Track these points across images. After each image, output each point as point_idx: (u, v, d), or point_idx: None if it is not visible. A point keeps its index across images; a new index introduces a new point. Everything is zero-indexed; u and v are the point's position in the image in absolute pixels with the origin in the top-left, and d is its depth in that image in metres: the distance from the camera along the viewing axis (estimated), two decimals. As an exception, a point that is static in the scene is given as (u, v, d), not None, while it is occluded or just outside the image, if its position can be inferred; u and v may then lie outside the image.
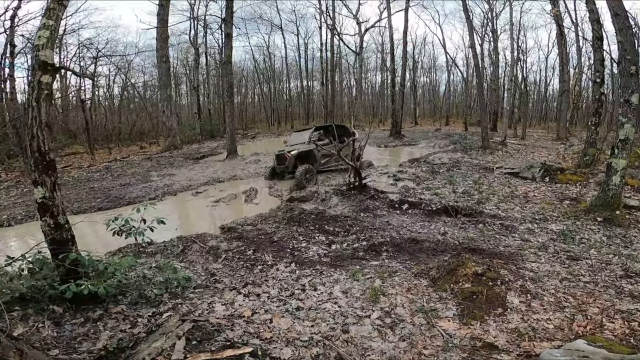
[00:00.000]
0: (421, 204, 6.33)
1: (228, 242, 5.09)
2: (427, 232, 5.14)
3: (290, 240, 4.99)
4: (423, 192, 7.26)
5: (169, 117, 17.75)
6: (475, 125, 30.48)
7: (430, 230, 5.24)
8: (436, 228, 5.35)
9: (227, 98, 13.23)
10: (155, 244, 5.33)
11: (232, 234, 5.33)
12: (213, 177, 10.39)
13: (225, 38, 12.84)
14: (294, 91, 38.14)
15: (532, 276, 3.75)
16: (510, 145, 16.39)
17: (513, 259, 4.22)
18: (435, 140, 19.68)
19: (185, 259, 4.71)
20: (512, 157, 13.70)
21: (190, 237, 5.38)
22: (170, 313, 3.07)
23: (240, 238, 5.18)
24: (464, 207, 6.11)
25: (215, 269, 4.29)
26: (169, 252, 4.95)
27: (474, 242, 4.63)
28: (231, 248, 4.86)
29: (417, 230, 5.27)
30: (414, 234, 5.07)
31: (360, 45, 28.44)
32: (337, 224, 5.45)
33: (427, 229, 5.30)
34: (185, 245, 5.11)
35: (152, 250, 5.07)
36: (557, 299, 3.33)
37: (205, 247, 4.97)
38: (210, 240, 5.27)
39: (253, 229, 5.55)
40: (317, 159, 9.52)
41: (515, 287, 3.40)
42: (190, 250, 4.99)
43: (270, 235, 5.22)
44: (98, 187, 9.70)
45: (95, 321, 2.82)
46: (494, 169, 10.07)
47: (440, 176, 9.12)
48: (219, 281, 3.97)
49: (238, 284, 3.85)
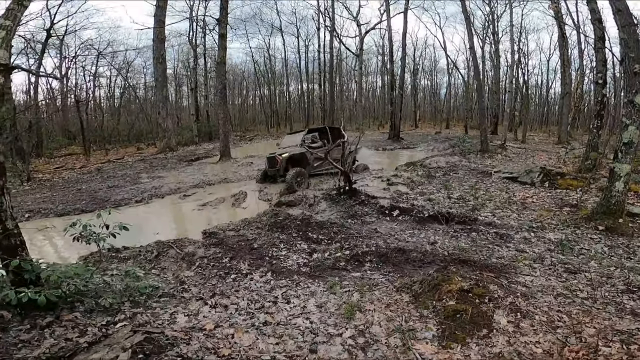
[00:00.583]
0: (412, 210, 6.05)
1: (206, 248, 4.83)
2: (415, 241, 4.85)
3: (270, 248, 4.72)
4: (416, 198, 6.97)
5: (165, 118, 17.60)
6: (476, 129, 30.09)
7: (419, 239, 4.94)
8: (426, 237, 5.06)
9: (220, 99, 13.03)
10: (131, 249, 5.11)
11: (211, 239, 5.07)
12: (203, 179, 10.15)
13: (220, 39, 12.66)
14: (294, 94, 38.02)
15: (524, 292, 3.45)
16: (510, 148, 16.07)
17: (505, 271, 3.92)
18: (435, 144, 19.40)
19: (158, 265, 4.46)
20: (512, 161, 13.40)
21: (168, 242, 5.13)
22: (125, 323, 2.86)
23: (219, 244, 4.91)
24: (458, 213, 5.82)
25: (186, 277, 4.02)
26: (143, 257, 4.70)
27: (464, 253, 4.33)
28: (207, 255, 4.59)
29: (406, 238, 4.98)
30: (401, 242, 4.79)
31: (360, 47, 28.25)
32: (321, 231, 5.17)
33: (416, 238, 5.01)
34: (161, 251, 4.86)
35: (125, 255, 4.82)
36: (550, 318, 3.03)
37: (181, 253, 4.71)
38: (188, 245, 5.01)
39: (234, 235, 5.29)
40: (310, 162, 9.26)
41: (504, 304, 3.10)
42: (166, 256, 4.74)
43: (251, 241, 4.96)
44: (85, 189, 9.48)
45: (42, 328, 2.66)
46: (492, 173, 9.76)
47: (436, 181, 8.84)
48: (187, 290, 3.71)
49: (206, 293, 3.58)
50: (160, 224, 6.78)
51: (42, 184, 10.58)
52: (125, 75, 28.66)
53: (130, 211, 7.73)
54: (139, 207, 7.97)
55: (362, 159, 11.75)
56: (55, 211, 7.75)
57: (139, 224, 6.87)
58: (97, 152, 19.06)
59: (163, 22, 17.09)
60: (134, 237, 6.21)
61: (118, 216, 7.14)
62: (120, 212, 4.40)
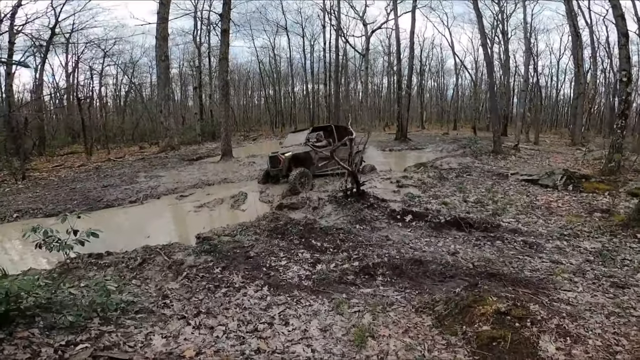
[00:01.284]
0: (427, 215, 5.48)
1: (196, 255, 4.31)
2: (433, 251, 4.29)
3: (268, 257, 4.19)
4: (429, 201, 6.40)
5: (167, 117, 17.18)
6: (484, 130, 29.52)
7: (437, 249, 4.38)
8: (445, 245, 4.49)
9: (222, 97, 12.58)
10: (115, 254, 4.61)
11: (203, 246, 4.55)
12: (202, 179, 9.68)
13: (222, 34, 12.23)
14: (299, 94, 37.60)
15: (570, 311, 2.89)
16: (523, 150, 15.40)
17: (543, 287, 3.35)
18: (443, 145, 18.81)
19: (141, 274, 3.96)
20: (527, 162, 12.74)
21: (156, 248, 4.62)
22: (87, 345, 2.37)
23: (211, 251, 4.39)
24: (478, 219, 5.24)
25: (170, 290, 3.51)
26: (125, 265, 4.20)
27: (492, 265, 3.76)
28: (197, 264, 4.07)
29: (422, 247, 4.42)
30: (417, 252, 4.23)
31: (366, 47, 27.70)
32: (326, 238, 4.63)
33: (434, 247, 4.44)
34: (147, 257, 4.35)
35: (106, 262, 4.33)
36: (606, 342, 2.48)
37: (169, 261, 4.20)
38: (178, 252, 4.50)
39: (230, 241, 4.76)
40: (314, 162, 8.73)
41: (549, 327, 2.55)
42: (151, 263, 4.23)
43: (247, 249, 4.43)
44: (79, 188, 9.06)
45: (-11, 346, 2.16)
46: (509, 175, 9.15)
47: (448, 183, 8.25)
48: (169, 305, 3.20)
49: (191, 311, 3.07)
50: (153, 227, 6.30)
51: (37, 183, 10.19)
52: (130, 74, 28.52)
53: (123, 212, 7.29)
54: (132, 208, 7.51)
55: (369, 159, 11.19)
56: (45, 211, 7.33)
57: (131, 226, 6.43)
58: (100, 151, 18.78)
59: (166, 20, 16.73)
60: (123, 240, 5.78)
61: (110, 218, 6.66)
62: (90, 217, 3.95)
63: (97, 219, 6.99)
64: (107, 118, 23.58)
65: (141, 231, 6.01)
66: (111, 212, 7.30)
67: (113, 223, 6.72)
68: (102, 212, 7.29)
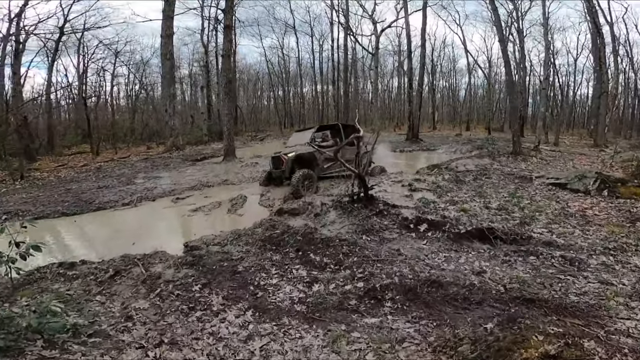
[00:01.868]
0: (445, 224, 4.80)
1: (176, 268, 3.76)
2: (454, 269, 3.62)
3: (258, 273, 3.60)
4: (447, 207, 5.72)
5: (172, 116, 16.88)
6: (498, 131, 28.43)
7: (459, 266, 3.71)
8: (468, 262, 3.82)
9: (224, 95, 12.12)
10: (89, 264, 4.12)
11: (187, 257, 4.00)
12: (202, 181, 9.19)
13: (225, 30, 11.77)
14: (308, 95, 37.11)
15: (633, 346, 2.22)
16: (544, 151, 14.47)
17: (595, 315, 2.67)
18: (457, 146, 18.00)
19: (109, 289, 3.42)
20: (549, 164, 11.86)
21: (134, 258, 4.10)
22: None
23: (194, 264, 3.84)
24: (505, 229, 4.54)
25: (137, 310, 2.96)
26: (95, 277, 3.68)
27: (528, 288, 3.08)
28: (175, 279, 3.52)
29: (440, 264, 3.76)
30: (434, 271, 3.57)
31: (376, 46, 27.01)
32: (327, 252, 4.01)
33: (455, 264, 3.77)
34: (121, 269, 3.83)
35: (76, 273, 3.82)
36: None
37: (145, 274, 3.67)
38: (158, 263, 3.96)
39: (218, 252, 4.20)
40: (319, 163, 8.13)
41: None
42: (125, 276, 3.70)
43: (235, 262, 3.86)
44: (74, 189, 8.68)
45: None
46: (533, 178, 8.36)
47: (466, 186, 7.53)
48: (130, 330, 2.65)
49: (153, 338, 2.52)
50: (141, 232, 5.80)
51: (35, 183, 9.89)
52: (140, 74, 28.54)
53: (114, 215, 6.83)
54: (124, 211, 7.05)
55: (378, 160, 10.53)
56: (34, 213, 6.92)
57: (118, 231, 5.94)
58: (108, 151, 18.65)
59: (171, 18, 16.45)
60: (106, 246, 5.29)
61: (99, 221, 6.16)
62: (36, 226, 3.44)
63: (85, 222, 6.56)
64: (114, 117, 23.44)
65: (128, 236, 5.51)
66: (101, 215, 6.85)
67: (100, 227, 6.26)
68: (92, 215, 6.86)
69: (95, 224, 6.43)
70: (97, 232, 5.95)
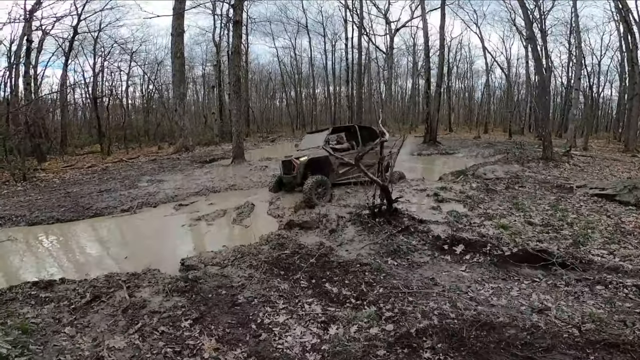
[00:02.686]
0: (485, 245, 4.04)
1: (166, 295, 3.14)
2: (507, 305, 2.88)
3: (262, 306, 2.93)
4: (482, 223, 4.94)
5: (182, 116, 16.48)
6: (519, 134, 27.14)
7: (512, 300, 2.96)
8: (522, 294, 3.07)
9: (233, 93, 11.55)
10: (68, 283, 3.54)
11: (179, 282, 3.36)
12: (207, 185, 8.60)
13: (234, 25, 11.19)
14: (321, 96, 36.50)
15: None
16: (575, 156, 13.39)
17: None
18: (477, 149, 17.09)
19: (83, 318, 2.84)
20: (584, 171, 10.86)
21: (119, 279, 3.51)
22: None
23: (187, 290, 3.20)
24: (559, 252, 3.75)
25: (110, 349, 2.35)
26: (69, 302, 3.09)
27: (607, 328, 2.32)
28: (163, 309, 2.89)
29: (488, 298, 3.02)
30: (482, 307, 2.83)
31: (390, 45, 26.27)
32: (346, 279, 3.31)
33: (507, 297, 3.02)
34: (102, 292, 3.24)
35: (49, 296, 3.24)
36: None
37: (128, 301, 3.05)
38: (146, 287, 3.35)
39: (217, 274, 3.56)
40: (334, 168, 7.42)
41: None
42: (105, 302, 3.11)
43: (235, 290, 3.20)
44: (74, 193, 8.22)
45: None
46: (574, 188, 7.46)
47: (499, 197, 6.70)
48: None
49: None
50: (136, 244, 5.23)
51: (36, 185, 9.51)
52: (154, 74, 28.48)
53: (110, 223, 6.29)
54: (122, 218, 6.50)
55: (396, 165, 9.78)
56: (29, 219, 6.46)
57: (112, 242, 5.38)
58: (120, 151, 18.44)
59: (182, 16, 16.07)
60: (96, 259, 4.74)
61: (93, 229, 5.51)
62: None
63: (79, 230, 6.04)
64: (125, 117, 23.29)
65: (121, 249, 4.95)
66: (98, 222, 6.32)
67: (93, 236, 5.73)
68: (87, 222, 6.33)
69: (88, 233, 5.90)
70: (88, 242, 5.41)
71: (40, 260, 4.72)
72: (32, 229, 6.11)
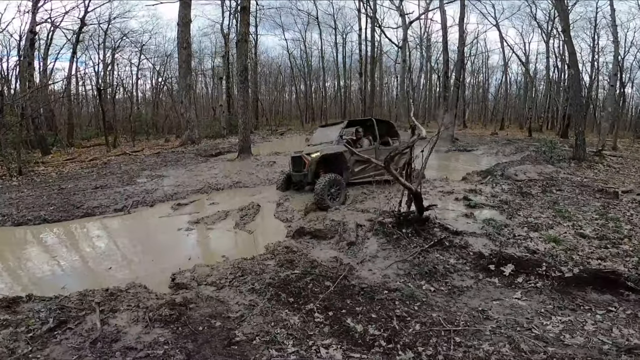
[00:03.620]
0: (539, 264, 3.29)
1: (146, 325, 2.48)
2: (584, 344, 2.17)
3: (265, 349, 2.24)
4: (528, 235, 4.16)
5: (188, 107, 15.88)
6: (537, 131, 25.86)
7: (589, 338, 2.25)
8: (600, 329, 2.38)
9: (240, 83, 10.84)
10: (34, 301, 2.93)
11: (164, 309, 2.69)
12: (210, 182, 7.95)
13: (241, 12, 10.45)
14: (330, 89, 35.62)
15: None
16: (608, 157, 12.38)
17: None
18: (497, 147, 16.18)
19: (40, 351, 2.19)
20: (620, 173, 9.92)
21: (93, 300, 2.87)
22: None
23: (173, 321, 2.54)
24: (630, 272, 2.97)
25: None
26: (28, 328, 2.45)
27: None
28: (140, 345, 2.23)
29: (558, 336, 2.30)
30: (553, 348, 2.11)
31: (403, 37, 25.23)
32: (372, 311, 2.61)
33: (581, 334, 2.30)
34: (68, 317, 2.61)
35: (7, 318, 2.61)
36: None
37: (99, 329, 2.41)
38: (123, 312, 2.70)
39: (211, 298, 2.89)
40: (349, 166, 6.69)
41: None
42: (70, 330, 2.46)
43: (232, 323, 2.52)
44: (68, 189, 7.65)
45: None
46: (619, 193, 6.59)
47: (537, 202, 5.89)
48: None
49: None
50: (124, 251, 4.59)
51: (32, 180, 8.99)
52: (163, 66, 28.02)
53: (100, 224, 5.67)
54: (114, 219, 5.88)
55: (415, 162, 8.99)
56: (15, 218, 5.88)
57: (97, 248, 4.75)
58: (128, 143, 18.05)
59: (188, 5, 15.40)
60: (78, 269, 4.13)
61: (79, 233, 4.77)
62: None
63: (65, 232, 5.42)
64: (132, 110, 22.87)
65: (106, 257, 4.32)
66: (87, 223, 5.72)
67: (78, 241, 5.10)
68: (75, 223, 5.73)
69: (74, 237, 5.29)
70: (72, 248, 4.78)
71: (13, 270, 4.12)
72: (16, 230, 5.54)
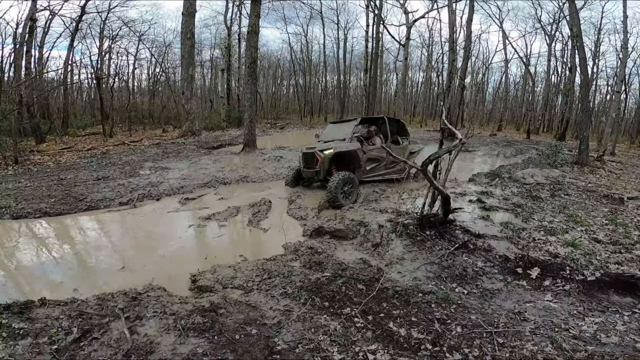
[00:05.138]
0: (562, 268, 3.30)
1: (180, 334, 2.40)
2: (620, 343, 2.23)
3: (310, 357, 2.19)
4: (547, 239, 4.18)
5: (189, 99, 15.59)
6: (534, 133, 26.13)
7: (623, 337, 2.29)
8: (631, 329, 2.47)
9: (248, 76, 10.63)
10: (48, 306, 2.80)
11: (194, 316, 2.62)
12: (217, 176, 7.82)
13: (252, 3, 10.22)
14: (330, 84, 35.38)
15: None
16: (609, 162, 12.56)
17: None
18: (497, 148, 16.35)
19: None
20: (621, 179, 10.07)
21: (115, 306, 2.76)
22: None
23: (207, 329, 2.46)
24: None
25: None
26: (50, 339, 2.35)
27: None
28: (178, 357, 2.16)
29: (594, 335, 2.33)
30: (592, 347, 2.14)
31: (407, 36, 25.18)
32: (410, 314, 2.57)
33: (615, 334, 2.34)
34: (91, 325, 2.50)
35: (22, 327, 2.49)
36: None
37: (129, 340, 2.32)
38: (150, 318, 2.61)
39: (241, 302, 2.82)
40: (362, 164, 6.64)
41: None
42: (97, 339, 2.36)
43: (270, 331, 2.45)
44: (68, 180, 7.43)
45: None
46: (625, 199, 6.68)
47: (547, 205, 5.93)
48: None
49: None
50: (136, 248, 4.46)
51: (29, 169, 8.71)
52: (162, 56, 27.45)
53: (106, 219, 5.49)
54: (120, 213, 5.71)
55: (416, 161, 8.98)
56: (14, 211, 5.61)
57: (106, 246, 4.56)
58: (124, 133, 17.66)
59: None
60: (86, 270, 3.96)
61: (84, 229, 4.63)
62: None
63: (68, 227, 5.23)
64: (130, 99, 22.39)
65: (116, 255, 4.18)
66: (91, 217, 5.55)
67: (84, 237, 4.89)
68: (79, 218, 5.53)
69: (78, 231, 5.10)
70: (77, 245, 4.58)
71: (17, 270, 3.94)
72: (14, 224, 5.32)
